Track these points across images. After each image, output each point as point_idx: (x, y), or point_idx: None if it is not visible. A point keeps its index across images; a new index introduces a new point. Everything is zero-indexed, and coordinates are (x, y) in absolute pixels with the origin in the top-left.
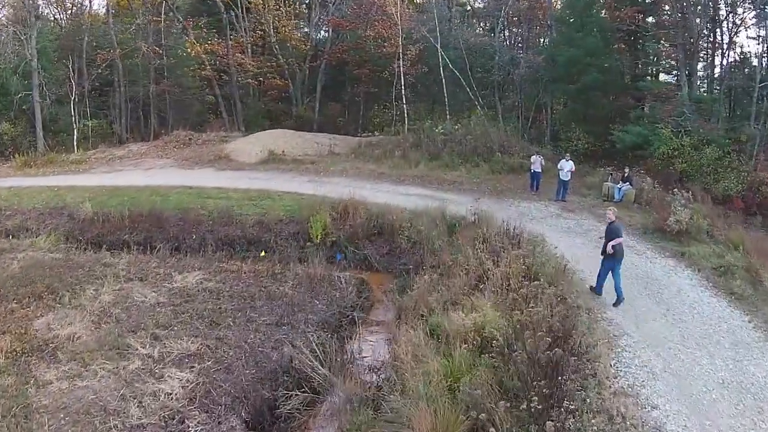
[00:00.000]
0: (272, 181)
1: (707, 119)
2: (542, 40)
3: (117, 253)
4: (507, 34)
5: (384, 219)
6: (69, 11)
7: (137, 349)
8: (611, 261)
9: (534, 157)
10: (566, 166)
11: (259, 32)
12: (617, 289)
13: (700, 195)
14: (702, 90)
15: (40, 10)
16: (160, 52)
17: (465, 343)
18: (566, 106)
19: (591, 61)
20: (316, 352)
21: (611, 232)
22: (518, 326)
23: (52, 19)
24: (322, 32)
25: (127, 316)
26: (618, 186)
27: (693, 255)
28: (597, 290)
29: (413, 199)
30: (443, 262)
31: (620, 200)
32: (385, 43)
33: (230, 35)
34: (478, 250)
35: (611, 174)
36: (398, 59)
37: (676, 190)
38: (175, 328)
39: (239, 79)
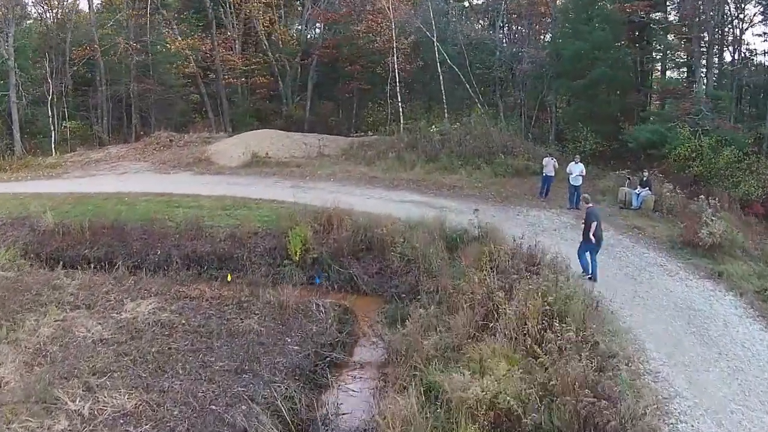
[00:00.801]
0: (252, 186)
1: (725, 118)
2: (543, 37)
3: (72, 272)
4: (507, 30)
5: (373, 232)
6: (56, 10)
7: (66, 404)
8: (590, 245)
9: (546, 159)
10: (576, 170)
11: (248, 28)
12: (593, 270)
13: (727, 202)
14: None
15: (27, 8)
16: (138, 47)
17: (474, 422)
18: (570, 103)
19: (599, 54)
20: (281, 412)
21: (588, 217)
22: (542, 392)
23: (36, 16)
24: (315, 29)
25: (64, 356)
26: (636, 191)
27: (731, 275)
28: (591, 276)
29: (407, 207)
30: (443, 287)
31: (639, 207)
32: (377, 38)
33: (217, 31)
34: (485, 275)
35: (629, 179)
36: (392, 54)
37: (702, 196)
38: (114, 375)
39: (226, 76)
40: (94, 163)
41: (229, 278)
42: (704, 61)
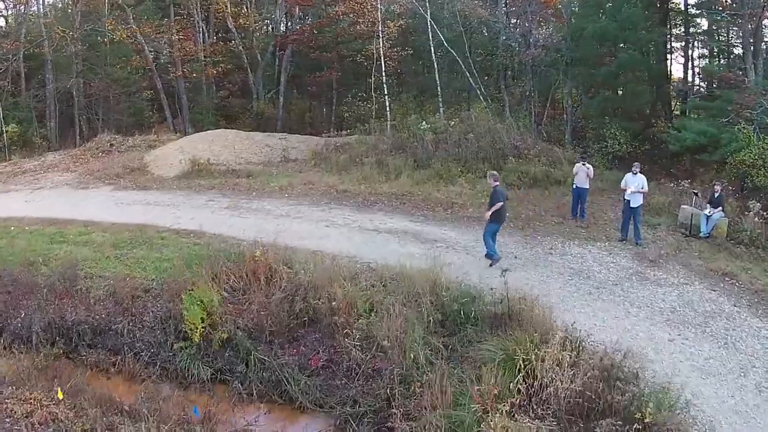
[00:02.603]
0: (173, 208)
1: None
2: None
3: None
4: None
5: (321, 294)
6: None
7: None
8: (495, 225)
9: (577, 165)
10: (634, 183)
11: (214, 14)
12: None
13: None
14: None
15: None
16: (76, 36)
17: None
18: (591, 95)
19: (627, 36)
20: None
21: (494, 196)
22: None
23: None
24: (290, 16)
25: None
26: (706, 212)
27: None
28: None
29: (383, 242)
30: (433, 409)
31: (708, 235)
32: (360, 20)
33: (177, 18)
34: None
35: (695, 194)
36: (377, 37)
37: None
38: None
39: (184, 69)
40: (21, 174)
41: (60, 395)
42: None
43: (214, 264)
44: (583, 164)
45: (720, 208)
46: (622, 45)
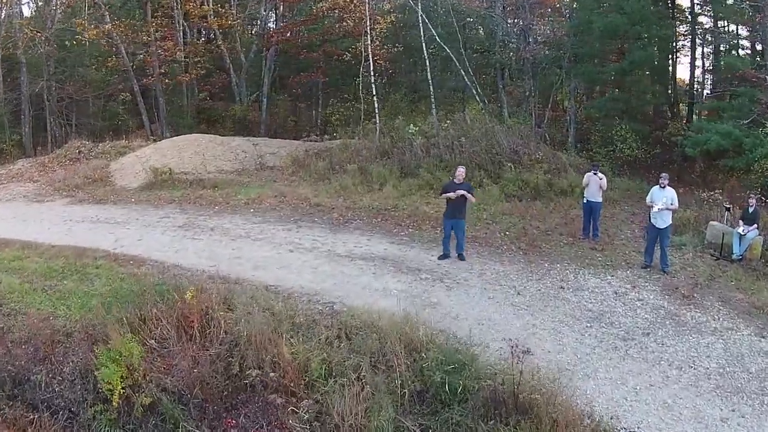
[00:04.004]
0: (122, 227)
1: None
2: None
3: None
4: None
5: (263, 354)
6: None
7: None
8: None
9: (588, 175)
10: (660, 198)
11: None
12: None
13: None
14: None
15: None
16: (48, 36)
17: None
18: (596, 95)
19: (640, 31)
20: None
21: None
22: None
23: None
24: (274, 14)
25: None
26: (740, 231)
27: None
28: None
29: (354, 273)
30: None
31: (741, 257)
32: (347, 16)
33: (155, 16)
34: None
35: (728, 209)
36: (365, 33)
37: None
38: None
39: (161, 70)
40: None
41: None
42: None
43: (143, 304)
44: (595, 173)
45: (755, 225)
46: (633, 41)
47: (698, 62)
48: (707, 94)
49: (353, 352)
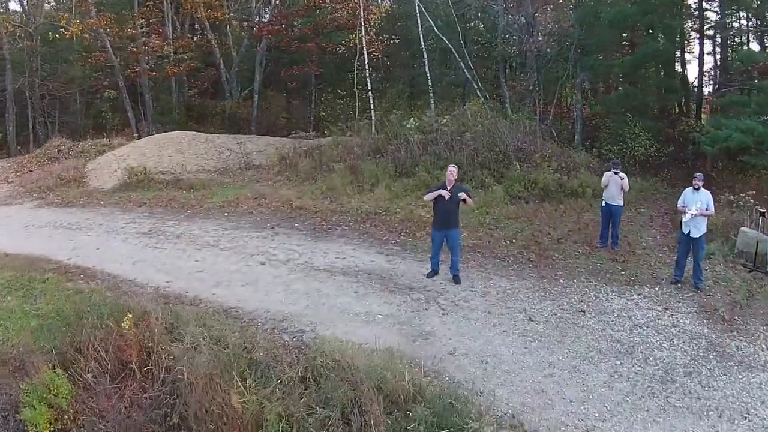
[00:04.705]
0: (83, 233)
1: None
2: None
3: None
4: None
5: (207, 402)
6: None
7: None
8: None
9: (608, 175)
10: (695, 202)
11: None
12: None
13: None
14: None
15: None
16: (30, 31)
17: None
18: (603, 90)
19: (652, 21)
20: None
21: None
22: None
23: None
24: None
25: None
26: None
27: None
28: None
29: (334, 291)
30: None
31: None
32: (340, 7)
33: (143, 10)
34: None
35: (762, 213)
36: (359, 25)
37: None
38: None
39: (148, 66)
40: None
41: None
42: None
43: (78, 331)
44: (616, 173)
45: None
46: (645, 32)
47: (706, 57)
48: (715, 89)
49: (321, 404)
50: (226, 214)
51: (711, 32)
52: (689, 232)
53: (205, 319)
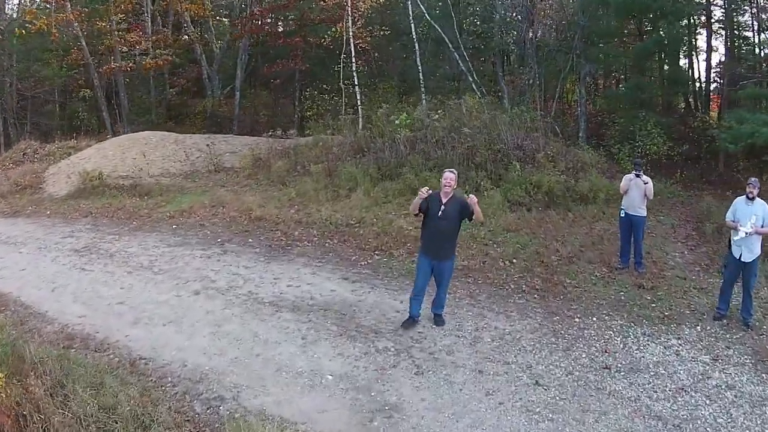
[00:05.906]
0: (14, 249)
1: None
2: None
3: None
4: None
5: None
6: None
7: None
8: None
9: (629, 177)
10: (750, 216)
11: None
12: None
13: None
14: None
15: None
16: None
17: None
18: (607, 85)
19: (663, 5)
20: None
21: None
22: None
23: None
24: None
25: None
26: None
27: None
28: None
29: (275, 335)
30: None
31: None
32: None
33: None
34: None
35: None
36: (347, 15)
37: None
38: None
39: (123, 62)
40: None
41: None
42: None
43: None
44: (638, 176)
45: None
46: (656, 17)
47: (714, 48)
48: (727, 82)
49: None
50: (174, 226)
51: (722, 19)
52: (741, 255)
53: (103, 376)
